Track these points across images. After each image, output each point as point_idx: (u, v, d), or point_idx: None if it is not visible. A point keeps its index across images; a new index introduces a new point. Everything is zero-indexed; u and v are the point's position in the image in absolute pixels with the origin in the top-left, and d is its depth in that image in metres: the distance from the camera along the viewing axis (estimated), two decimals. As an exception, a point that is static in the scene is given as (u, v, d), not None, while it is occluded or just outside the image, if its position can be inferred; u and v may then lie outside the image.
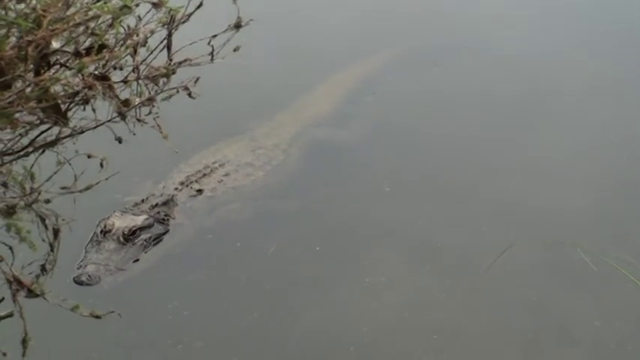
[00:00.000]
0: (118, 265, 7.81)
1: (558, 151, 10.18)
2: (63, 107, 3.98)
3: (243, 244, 8.46)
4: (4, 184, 3.92)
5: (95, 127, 4.04)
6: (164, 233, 8.28)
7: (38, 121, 3.97)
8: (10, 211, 3.84)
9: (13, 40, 3.86)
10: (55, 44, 3.92)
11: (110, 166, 4.15)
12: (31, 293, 3.93)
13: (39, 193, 3.93)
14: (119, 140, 4.09)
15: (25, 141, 4.01)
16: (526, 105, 11.03)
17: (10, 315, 4.30)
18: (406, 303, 7.95)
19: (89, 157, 4.09)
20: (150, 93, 4.06)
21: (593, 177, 9.74)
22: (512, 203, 9.23)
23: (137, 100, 4.03)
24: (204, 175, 8.96)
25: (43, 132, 4.02)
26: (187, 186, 8.80)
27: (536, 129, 10.56)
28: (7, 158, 3.97)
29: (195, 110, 6.78)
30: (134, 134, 4.04)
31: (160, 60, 4.15)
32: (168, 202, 8.48)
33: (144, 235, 8.12)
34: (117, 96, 3.99)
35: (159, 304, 7.76)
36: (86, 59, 3.91)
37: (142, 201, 8.46)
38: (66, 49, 3.96)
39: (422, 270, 8.34)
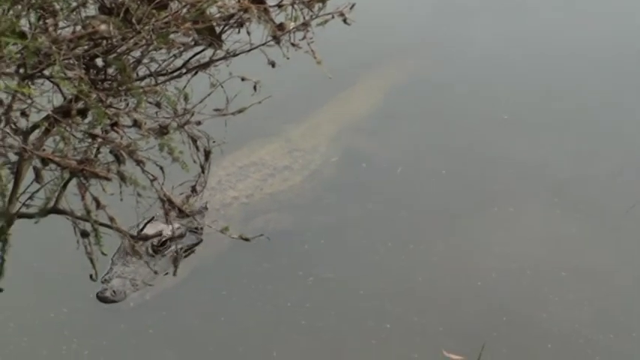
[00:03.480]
0: (145, 279, 7.13)
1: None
2: (217, 29, 3.92)
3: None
4: (158, 104, 3.89)
5: (249, 51, 3.96)
6: (197, 244, 7.46)
7: (193, 43, 3.92)
8: (163, 131, 3.82)
9: (171, -40, 3.81)
10: (212, -34, 3.86)
11: (262, 90, 4.09)
12: (181, 213, 3.93)
13: (192, 115, 3.90)
14: (272, 64, 4.03)
15: (178, 62, 3.97)
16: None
17: (159, 235, 4.34)
18: (535, 237, 7.81)
19: (243, 79, 4.03)
20: (305, 18, 3.98)
21: None
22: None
23: (292, 25, 3.94)
24: (239, 179, 8.11)
25: (196, 54, 3.98)
26: (221, 191, 7.93)
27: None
28: (161, 78, 3.94)
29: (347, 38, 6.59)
30: (288, 59, 3.96)
31: (315, -15, 4.05)
32: (202, 210, 7.52)
33: (175, 246, 7.28)
34: (272, 20, 3.91)
35: (294, 236, 7.78)
36: (243, -18, 3.84)
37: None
38: (223, -29, 3.90)
39: (552, 203, 8.17)
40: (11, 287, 4.17)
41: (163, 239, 7.16)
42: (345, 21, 4.01)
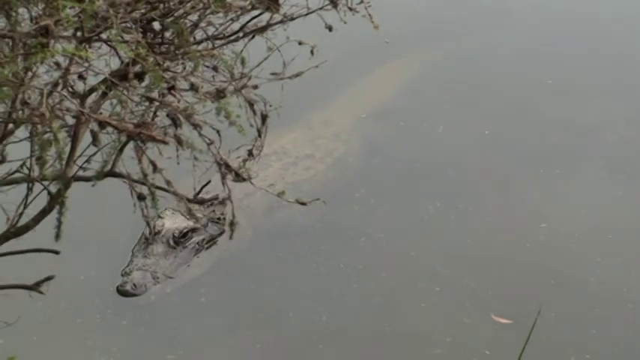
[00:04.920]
0: (166, 271, 6.98)
1: None
2: (275, -7, 3.88)
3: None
4: (215, 68, 3.85)
5: (306, 15, 3.91)
6: (219, 235, 7.31)
7: (250, 7, 3.87)
8: (220, 95, 3.77)
9: None
10: None
11: (319, 55, 4.03)
12: (238, 177, 3.90)
13: (249, 79, 3.85)
14: (329, 28, 3.96)
15: (235, 26, 3.92)
16: None
17: (216, 198, 4.32)
18: (583, 199, 7.73)
19: (300, 43, 3.97)
20: (362, -18, 3.92)
21: None
22: None
23: (350, -11, 3.89)
24: (260, 168, 7.46)
25: (254, 17, 3.92)
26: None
27: None
28: (218, 42, 3.89)
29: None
30: (345, 23, 3.90)
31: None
32: (225, 201, 7.20)
33: (196, 238, 7.17)
34: (329, -17, 3.86)
35: (347, 193, 7.72)
36: (300, -55, 3.79)
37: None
38: None
39: (600, 166, 8.07)
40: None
41: (185, 231, 7.10)
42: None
